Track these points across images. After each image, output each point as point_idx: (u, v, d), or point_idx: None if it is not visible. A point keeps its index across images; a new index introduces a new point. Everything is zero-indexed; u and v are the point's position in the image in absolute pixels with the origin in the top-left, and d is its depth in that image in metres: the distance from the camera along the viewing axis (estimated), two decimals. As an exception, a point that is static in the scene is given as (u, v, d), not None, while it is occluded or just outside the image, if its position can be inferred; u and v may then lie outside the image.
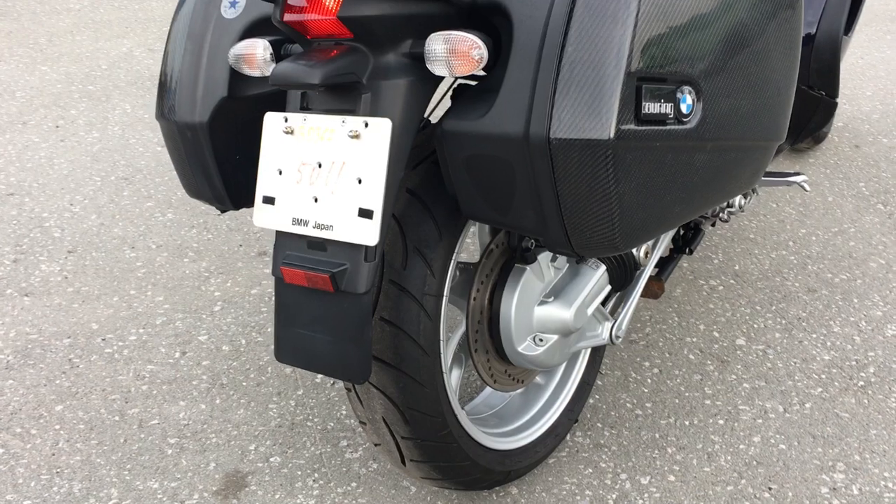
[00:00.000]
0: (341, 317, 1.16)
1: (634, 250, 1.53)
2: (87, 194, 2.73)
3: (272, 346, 1.96)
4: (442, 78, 1.14)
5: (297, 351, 1.23)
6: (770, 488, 1.56)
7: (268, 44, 1.27)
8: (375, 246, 1.12)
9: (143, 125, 3.28)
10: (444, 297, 1.28)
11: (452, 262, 1.29)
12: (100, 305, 2.14)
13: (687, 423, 1.73)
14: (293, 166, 1.18)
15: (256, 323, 2.06)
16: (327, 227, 1.15)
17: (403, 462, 1.36)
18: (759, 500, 1.53)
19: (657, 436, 1.69)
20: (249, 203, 1.47)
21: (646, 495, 1.55)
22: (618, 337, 1.58)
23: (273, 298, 2.14)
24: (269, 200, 1.21)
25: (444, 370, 1.30)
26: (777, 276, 2.26)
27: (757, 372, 1.88)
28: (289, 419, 1.75)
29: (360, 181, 1.12)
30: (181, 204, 2.65)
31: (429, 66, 1.10)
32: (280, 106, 1.42)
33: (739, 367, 1.90)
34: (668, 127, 1.06)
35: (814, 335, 2.01)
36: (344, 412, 1.76)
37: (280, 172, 1.20)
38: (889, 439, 1.67)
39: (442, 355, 1.30)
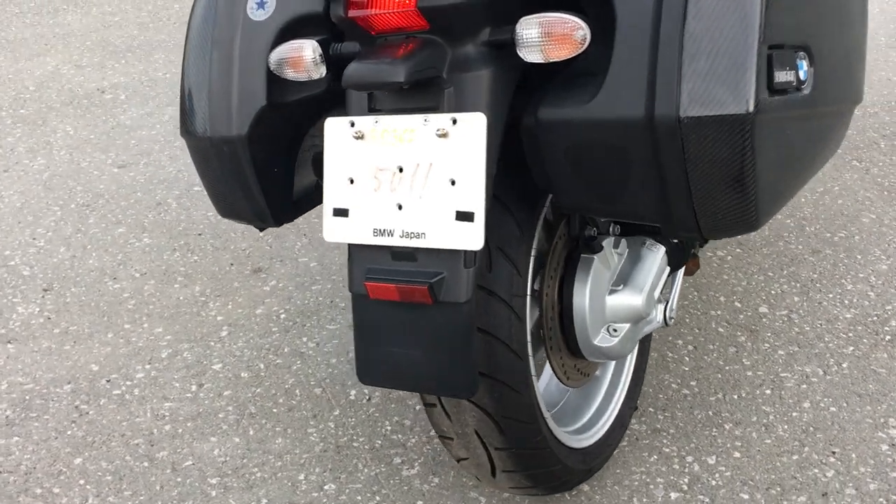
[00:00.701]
0: (441, 329, 1.09)
1: None
2: (48, 226, 2.55)
3: (297, 368, 1.87)
4: (527, 65, 1.08)
5: (388, 371, 1.15)
6: (833, 452, 1.56)
7: (317, 44, 1.18)
8: (477, 250, 1.05)
9: (92, 147, 3.09)
10: (528, 297, 1.22)
11: (532, 258, 1.23)
12: (94, 344, 2.00)
13: (735, 396, 1.72)
14: (368, 173, 1.10)
15: (270, 345, 1.96)
16: (418, 235, 1.07)
17: (493, 474, 1.29)
18: (827, 466, 1.53)
19: (710, 413, 1.68)
20: (290, 217, 1.37)
21: (716, 475, 1.53)
22: (671, 318, 1.55)
23: (352, 314, 2.04)
24: (341, 213, 1.13)
25: (533, 373, 1.25)
26: (779, 240, 2.28)
27: (787, 338, 1.89)
28: (332, 442, 1.66)
29: (453, 182, 1.04)
30: (155, 227, 2.50)
31: (520, 53, 1.04)
32: (322, 110, 1.33)
33: (769, 334, 1.90)
34: (790, 95, 1.02)
35: (830, 295, 2.03)
36: (389, 428, 1.68)
37: (352, 181, 1.12)
38: (930, 390, 1.70)
39: (531, 358, 1.24)
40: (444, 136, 1.04)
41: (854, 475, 1.51)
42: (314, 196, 1.42)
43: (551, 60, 1.03)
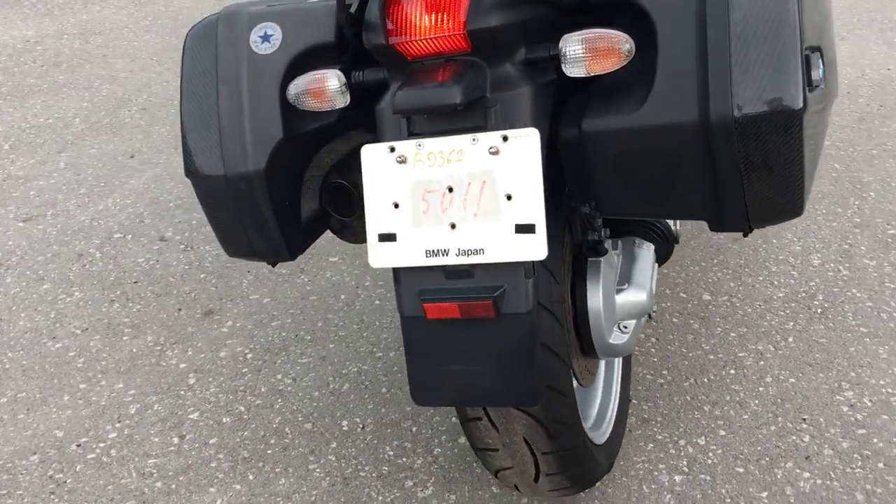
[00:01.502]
0: (504, 342, 1.13)
1: (672, 224, 1.60)
2: (-40, 291, 2.37)
3: (280, 406, 1.84)
4: (561, 80, 1.14)
5: (448, 389, 1.17)
6: (804, 419, 1.72)
7: (341, 74, 1.20)
8: (542, 260, 1.09)
9: (-15, 202, 2.89)
10: (566, 303, 1.28)
11: (566, 265, 1.29)
12: (51, 409, 1.89)
13: (705, 380, 1.85)
14: (415, 196, 1.13)
15: (245, 386, 1.91)
16: (476, 252, 1.11)
17: (537, 479, 1.34)
18: (802, 431, 1.68)
19: (688, 398, 1.80)
20: (302, 249, 1.37)
21: (710, 454, 1.64)
22: (654, 311, 1.65)
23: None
24: (387, 238, 1.14)
25: (573, 375, 1.31)
26: (703, 233, 2.45)
27: (734, 321, 2.04)
28: (338, 475, 1.65)
29: (509, 197, 1.08)
30: (83, 280, 2.38)
31: (565, 68, 1.09)
32: (329, 138, 1.33)
33: (718, 319, 2.05)
34: (817, 91, 1.12)
35: (760, 278, 2.21)
36: (391, 453, 1.69)
37: (396, 206, 1.14)
38: (867, 352, 1.89)
39: (572, 362, 1.30)
40: (496, 153, 1.08)
41: (827, 437, 1.66)
42: (319, 224, 1.43)
43: (594, 74, 1.10)
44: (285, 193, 1.30)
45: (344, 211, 1.37)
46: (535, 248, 1.08)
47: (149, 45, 4.19)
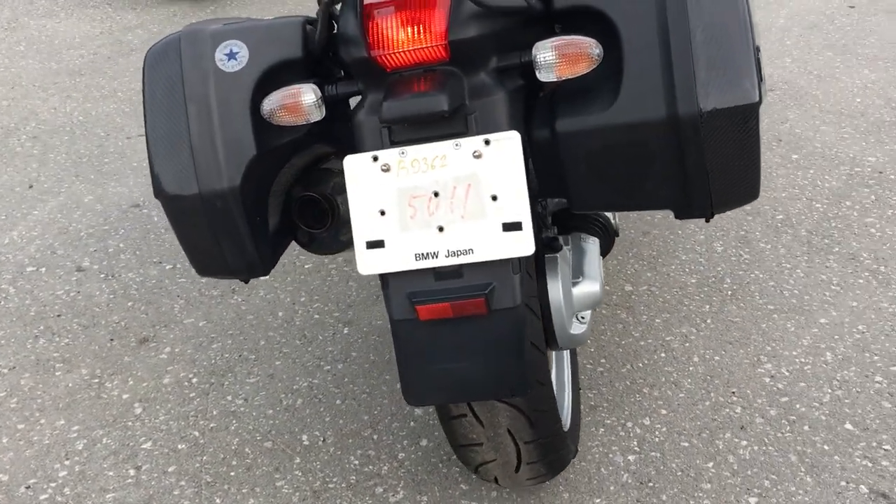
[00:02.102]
0: (496, 336, 1.19)
1: (611, 217, 1.71)
2: None
3: (236, 427, 1.83)
4: (534, 85, 1.21)
5: (441, 387, 1.22)
6: (733, 392, 1.87)
7: (317, 88, 1.24)
8: (529, 255, 1.16)
9: None
10: (538, 297, 1.36)
11: (535, 261, 1.36)
12: (-10, 453, 1.81)
13: (640, 364, 1.98)
14: (401, 202, 1.18)
15: (195, 411, 1.90)
16: (465, 252, 1.16)
17: (518, 469, 1.41)
18: (733, 404, 1.83)
19: (628, 383, 1.92)
20: (273, 263, 1.40)
21: (656, 432, 1.77)
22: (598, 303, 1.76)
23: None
24: (375, 245, 1.19)
25: (549, 364, 1.38)
26: (615, 227, 2.60)
27: (657, 307, 2.19)
28: (307, 489, 1.67)
29: (494, 198, 1.15)
30: (1, 317, 2.28)
31: (539, 74, 1.17)
32: (296, 151, 1.36)
33: (642, 307, 2.19)
34: (763, 85, 1.21)
35: (672, 266, 2.38)
36: (356, 462, 1.73)
37: (382, 213, 1.18)
38: (777, 327, 2.07)
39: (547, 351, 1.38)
40: (479, 156, 1.15)
41: (756, 407, 1.82)
42: (284, 238, 1.45)
43: (562, 78, 1.18)
44: (257, 208, 1.32)
45: (314, 223, 1.40)
46: (524, 244, 1.15)
47: (27, 70, 4.01)
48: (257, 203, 1.33)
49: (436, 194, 1.17)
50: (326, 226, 1.40)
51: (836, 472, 1.64)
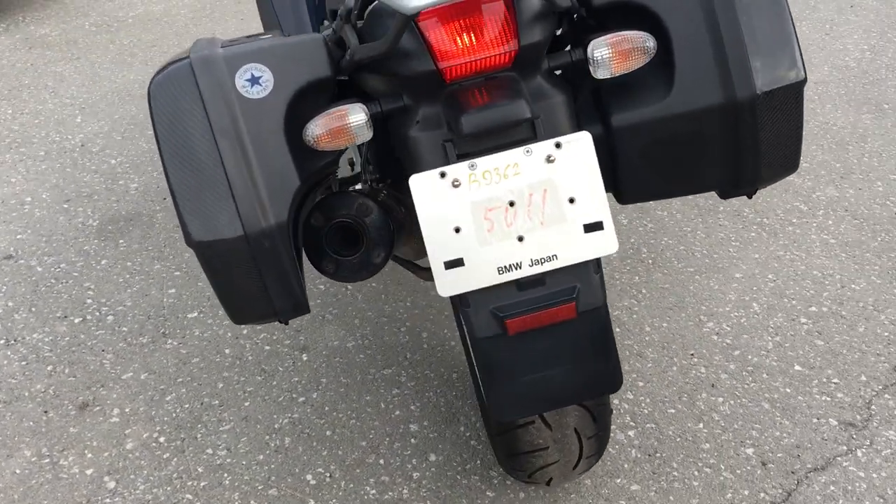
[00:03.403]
0: (585, 337, 1.20)
1: None
2: None
3: (230, 481, 1.72)
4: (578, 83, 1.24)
5: (532, 398, 1.22)
6: (691, 354, 2.02)
7: (365, 107, 1.19)
8: (613, 253, 1.17)
9: None
10: None
11: None
12: (-50, 568, 1.57)
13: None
14: (476, 216, 1.16)
15: (176, 471, 1.76)
16: (549, 259, 1.17)
17: (576, 466, 1.45)
18: (696, 364, 1.98)
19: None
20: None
21: (642, 404, 1.87)
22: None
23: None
24: (454, 264, 1.16)
25: None
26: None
27: (593, 285, 2.30)
28: (335, 529, 1.62)
29: (572, 200, 1.16)
30: None
31: (594, 72, 1.18)
32: (321, 170, 1.30)
33: (581, 287, 2.29)
34: None
35: (590, 243, 2.50)
36: (374, 491, 1.69)
37: (458, 230, 1.16)
38: (703, 287, 2.25)
39: None
40: (552, 161, 1.15)
41: (717, 364, 1.98)
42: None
43: (619, 74, 1.19)
44: (295, 243, 1.25)
45: (345, 250, 1.33)
46: (607, 243, 1.17)
47: None
48: (294, 236, 1.25)
49: (511, 204, 1.16)
50: (360, 251, 1.34)
51: (805, 411, 1.83)
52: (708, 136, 1.25)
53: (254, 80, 1.20)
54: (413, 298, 2.23)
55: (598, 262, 1.20)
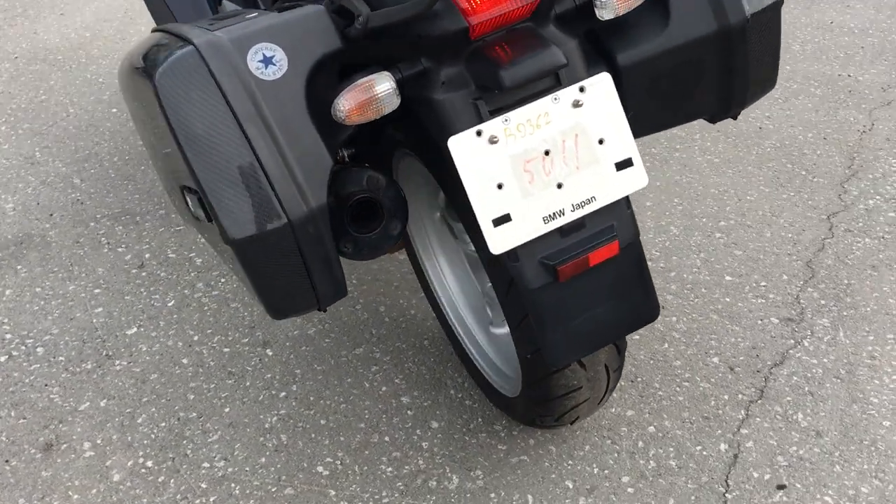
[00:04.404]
0: (622, 273, 1.27)
1: None
2: None
3: (252, 482, 1.67)
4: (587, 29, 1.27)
5: (582, 339, 1.27)
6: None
7: (390, 74, 1.18)
8: (644, 187, 1.22)
9: None
10: None
11: None
12: None
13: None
14: (516, 170, 1.18)
15: (178, 492, 1.68)
16: (589, 201, 1.21)
17: (601, 400, 1.53)
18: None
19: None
20: None
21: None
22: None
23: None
24: (501, 220, 1.19)
25: None
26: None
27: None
28: (366, 512, 1.62)
29: (601, 141, 1.21)
30: None
31: (600, 14, 1.21)
32: (343, 145, 1.29)
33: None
34: None
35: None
36: (391, 469, 1.70)
37: (500, 186, 1.18)
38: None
39: None
40: (579, 105, 1.19)
41: (658, 287, 2.13)
42: None
43: (623, 13, 1.22)
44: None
45: (365, 227, 1.31)
46: (637, 178, 1.23)
47: None
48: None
49: (546, 153, 1.18)
50: (381, 225, 1.32)
51: (748, 315, 2.02)
52: (705, 63, 1.31)
53: (267, 61, 1.15)
54: (357, 275, 2.22)
55: (627, 197, 1.25)
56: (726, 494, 1.59)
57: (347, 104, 1.17)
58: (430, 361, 1.95)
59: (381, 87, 1.17)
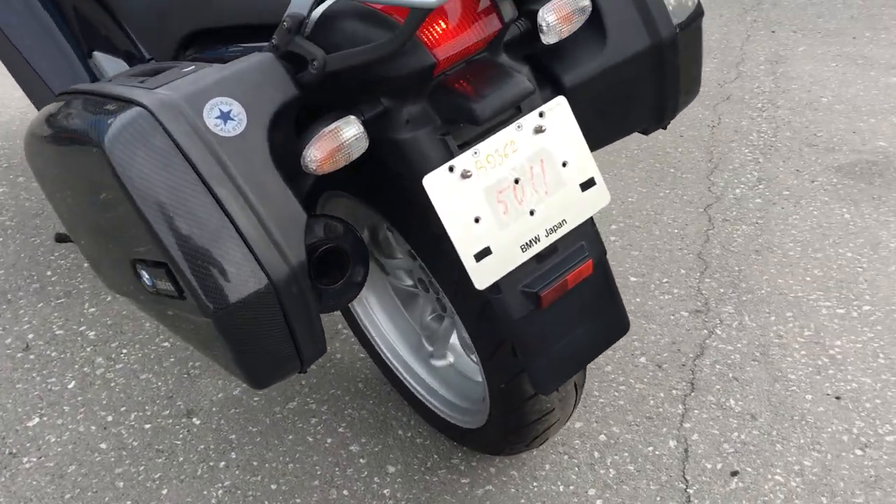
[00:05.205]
0: (595, 292, 1.29)
1: None
2: None
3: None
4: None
5: (565, 364, 1.29)
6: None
7: (354, 117, 1.15)
8: (607, 203, 1.26)
9: None
10: None
11: None
12: None
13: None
14: (491, 202, 1.19)
15: (134, 592, 1.53)
16: (560, 225, 1.23)
17: (569, 417, 1.55)
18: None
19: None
20: None
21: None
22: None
23: None
24: (482, 254, 1.18)
25: None
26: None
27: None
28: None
29: (564, 164, 1.23)
30: None
31: (545, 39, 1.22)
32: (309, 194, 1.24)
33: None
34: None
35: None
36: (393, 469, 1.64)
37: (477, 220, 1.18)
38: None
39: None
40: (541, 130, 1.21)
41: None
42: None
43: (564, 37, 1.24)
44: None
45: (331, 277, 1.24)
46: (601, 196, 1.26)
47: None
48: None
49: (517, 181, 1.19)
50: (347, 274, 1.27)
51: (659, 312, 2.12)
52: (642, 76, 1.36)
53: (225, 116, 1.09)
54: (270, 325, 2.13)
55: (591, 217, 1.28)
56: (688, 490, 1.66)
57: (318, 153, 1.12)
58: (370, 404, 1.90)
59: (349, 132, 1.14)
